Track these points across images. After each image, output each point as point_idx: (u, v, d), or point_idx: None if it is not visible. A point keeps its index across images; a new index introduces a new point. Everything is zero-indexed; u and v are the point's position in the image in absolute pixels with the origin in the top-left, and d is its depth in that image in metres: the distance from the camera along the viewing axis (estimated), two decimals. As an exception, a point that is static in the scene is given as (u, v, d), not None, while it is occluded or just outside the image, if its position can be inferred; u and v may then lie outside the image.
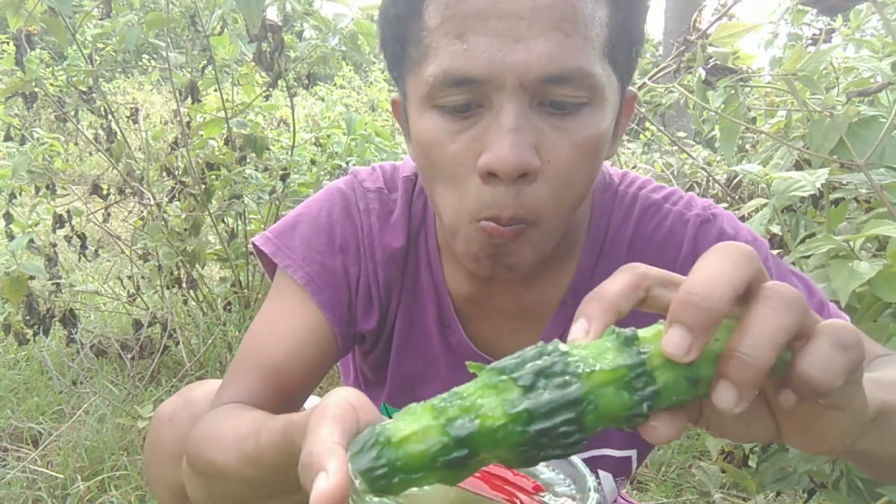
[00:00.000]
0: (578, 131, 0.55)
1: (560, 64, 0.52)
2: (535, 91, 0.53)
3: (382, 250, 0.72)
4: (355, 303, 0.73)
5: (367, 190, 0.74)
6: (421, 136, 0.58)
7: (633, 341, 0.34)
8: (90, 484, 1.54)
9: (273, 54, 1.87)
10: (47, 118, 3.97)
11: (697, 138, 2.92)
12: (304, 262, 0.71)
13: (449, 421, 0.31)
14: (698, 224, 0.69)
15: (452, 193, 0.58)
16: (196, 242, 2.12)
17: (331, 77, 7.05)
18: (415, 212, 0.74)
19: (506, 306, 0.72)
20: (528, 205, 0.55)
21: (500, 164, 0.52)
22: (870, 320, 0.89)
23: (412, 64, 0.58)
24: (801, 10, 1.53)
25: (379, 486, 0.31)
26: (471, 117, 0.55)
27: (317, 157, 2.48)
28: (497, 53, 0.52)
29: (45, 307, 2.00)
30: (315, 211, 0.74)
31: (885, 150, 0.91)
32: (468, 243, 0.59)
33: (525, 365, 0.32)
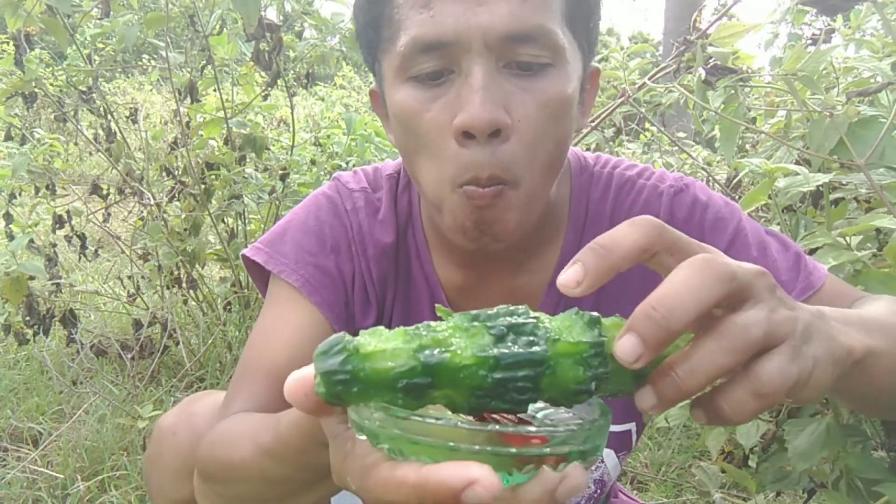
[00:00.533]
0: (544, 91, 0.57)
1: (521, 22, 0.55)
2: (500, 51, 0.56)
3: (374, 246, 0.74)
4: (352, 300, 0.74)
5: (352, 191, 0.76)
6: (397, 109, 0.60)
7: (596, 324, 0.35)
8: (90, 484, 1.54)
9: (271, 54, 1.87)
10: (47, 118, 3.97)
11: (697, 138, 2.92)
12: (297, 265, 0.71)
13: (421, 347, 0.32)
14: (672, 195, 0.72)
15: (432, 163, 0.60)
16: (196, 242, 2.11)
17: (331, 77, 7.05)
18: (401, 208, 0.76)
19: (496, 292, 0.74)
20: (503, 163, 0.57)
21: (472, 120, 0.54)
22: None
23: (385, 43, 0.61)
24: (801, 10, 1.53)
25: (335, 390, 0.32)
26: (443, 84, 0.58)
27: (317, 157, 2.48)
28: (461, 17, 0.55)
29: (45, 307, 2.00)
30: (303, 216, 0.75)
31: (885, 150, 0.91)
32: (454, 213, 0.61)
33: (498, 318, 0.34)
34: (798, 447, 0.84)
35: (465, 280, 0.74)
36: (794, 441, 0.85)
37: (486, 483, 0.29)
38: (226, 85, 2.16)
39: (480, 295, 0.74)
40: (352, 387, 0.32)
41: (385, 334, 0.33)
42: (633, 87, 1.38)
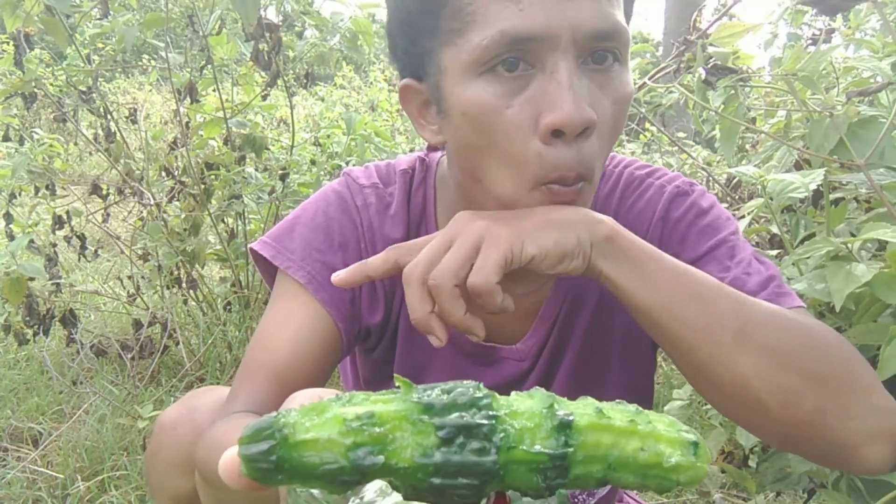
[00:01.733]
0: (616, 88, 0.58)
1: (606, 19, 0.55)
2: (583, 48, 0.55)
3: (383, 242, 0.72)
4: (359, 298, 0.73)
5: (363, 186, 0.75)
6: (469, 106, 0.57)
7: (567, 428, 0.33)
8: (90, 484, 1.54)
9: (271, 53, 1.87)
10: (47, 118, 3.97)
11: (697, 138, 2.92)
12: (304, 261, 0.71)
13: (355, 445, 0.30)
14: (674, 194, 0.72)
15: (509, 164, 0.58)
16: (196, 242, 2.12)
17: (331, 77, 7.05)
18: (415, 204, 0.74)
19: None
20: (586, 161, 0.57)
21: (567, 119, 0.54)
22: (869, 320, 0.89)
23: (450, 35, 0.58)
24: (801, 10, 1.53)
25: (258, 475, 0.30)
26: (520, 78, 0.56)
27: (316, 157, 2.48)
28: (552, 11, 0.54)
29: (45, 307, 2.00)
30: (312, 212, 0.74)
31: (885, 150, 0.91)
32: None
33: (452, 412, 0.31)
34: (798, 447, 0.84)
35: None
36: (794, 441, 0.85)
37: None
38: (225, 85, 2.16)
39: None
40: (276, 475, 0.30)
41: (324, 417, 0.30)
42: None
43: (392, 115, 4.62)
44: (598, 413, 0.33)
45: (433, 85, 0.62)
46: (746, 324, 0.55)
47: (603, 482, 0.34)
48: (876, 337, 0.83)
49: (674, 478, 0.34)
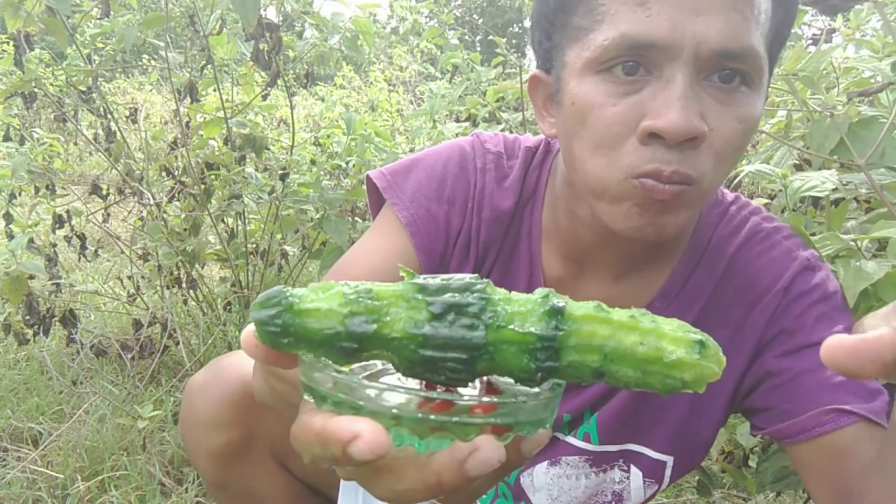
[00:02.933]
0: (740, 108, 0.56)
1: (735, 40, 0.53)
2: (706, 63, 0.54)
3: (490, 209, 0.73)
4: (450, 253, 0.74)
5: (488, 151, 0.76)
6: (580, 98, 0.58)
7: (558, 314, 0.33)
8: (90, 484, 1.54)
9: (271, 53, 1.87)
10: (47, 118, 3.97)
11: (697, 138, 2.91)
12: (411, 203, 0.73)
13: (352, 314, 0.32)
14: (803, 267, 0.69)
15: (604, 155, 0.58)
16: (196, 242, 2.11)
17: (331, 77, 7.05)
18: (528, 182, 0.75)
19: (593, 294, 0.72)
20: (691, 164, 0.55)
21: (670, 126, 0.53)
22: (870, 320, 0.89)
23: (577, 31, 0.59)
24: (801, 10, 1.53)
25: (267, 339, 0.32)
26: (636, 83, 0.56)
27: (316, 157, 2.48)
28: (678, 22, 0.53)
29: (45, 307, 2.00)
30: (433, 159, 0.76)
31: (885, 150, 0.91)
32: (619, 200, 0.58)
33: (446, 292, 0.33)
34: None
35: (565, 273, 0.73)
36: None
37: (369, 439, 0.29)
38: (226, 85, 2.16)
39: (577, 293, 0.72)
40: (282, 338, 0.32)
41: (328, 292, 0.33)
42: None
43: (392, 115, 4.62)
44: (597, 307, 0.34)
45: (556, 77, 0.63)
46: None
47: (599, 373, 0.33)
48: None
49: (677, 375, 0.33)
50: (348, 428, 0.29)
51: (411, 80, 7.19)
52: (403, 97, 6.12)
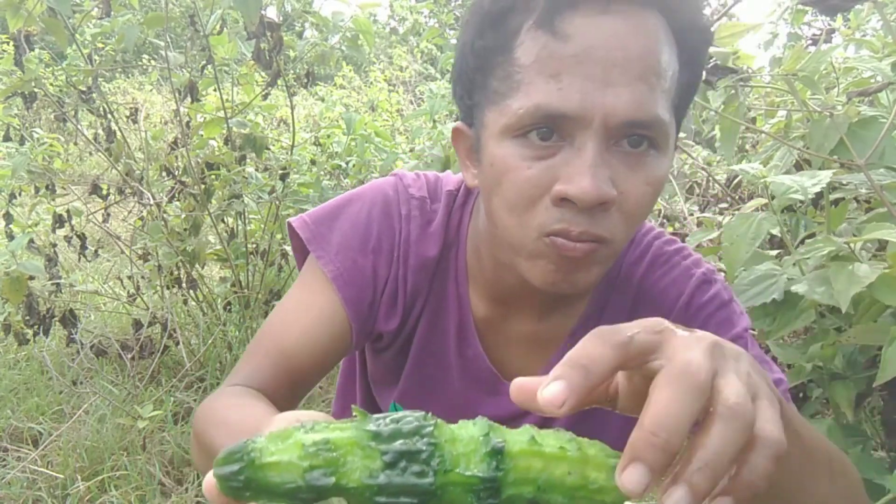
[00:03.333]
0: (649, 172, 0.59)
1: (642, 111, 0.56)
2: (615, 132, 0.57)
3: (416, 257, 0.75)
4: (378, 303, 0.75)
5: (412, 196, 0.76)
6: (498, 161, 0.61)
7: (498, 454, 0.37)
8: (90, 484, 1.54)
9: (272, 53, 1.87)
10: (47, 118, 3.97)
11: (697, 138, 2.91)
12: (336, 256, 0.73)
13: (311, 468, 0.35)
14: (700, 282, 0.75)
15: (519, 215, 0.61)
16: (196, 242, 2.11)
17: (331, 77, 7.05)
18: (451, 225, 0.76)
19: (520, 331, 0.76)
20: (602, 226, 0.59)
21: (580, 193, 0.56)
22: (870, 321, 0.89)
23: (496, 96, 0.61)
24: (801, 10, 1.53)
25: (230, 493, 0.35)
26: (550, 148, 0.58)
27: (316, 157, 2.48)
28: (588, 95, 0.56)
29: (45, 307, 2.00)
30: (357, 206, 0.76)
31: (885, 150, 0.91)
32: (535, 258, 0.62)
33: (398, 438, 0.36)
34: (798, 447, 0.84)
35: (492, 313, 0.76)
36: (795, 441, 0.85)
37: None
38: (226, 85, 2.16)
39: (505, 330, 0.76)
40: (245, 492, 0.35)
41: (287, 442, 0.35)
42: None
43: (392, 115, 4.62)
44: (531, 441, 0.38)
45: (476, 135, 0.65)
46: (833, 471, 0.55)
47: (533, 502, 0.38)
48: (876, 337, 0.83)
49: (598, 498, 0.38)
50: None
51: (411, 80, 7.19)
52: (403, 97, 6.12)
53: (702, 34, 0.62)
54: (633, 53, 0.56)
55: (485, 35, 0.61)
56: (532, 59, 0.57)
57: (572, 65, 0.56)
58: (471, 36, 0.63)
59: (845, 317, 0.95)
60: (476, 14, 0.63)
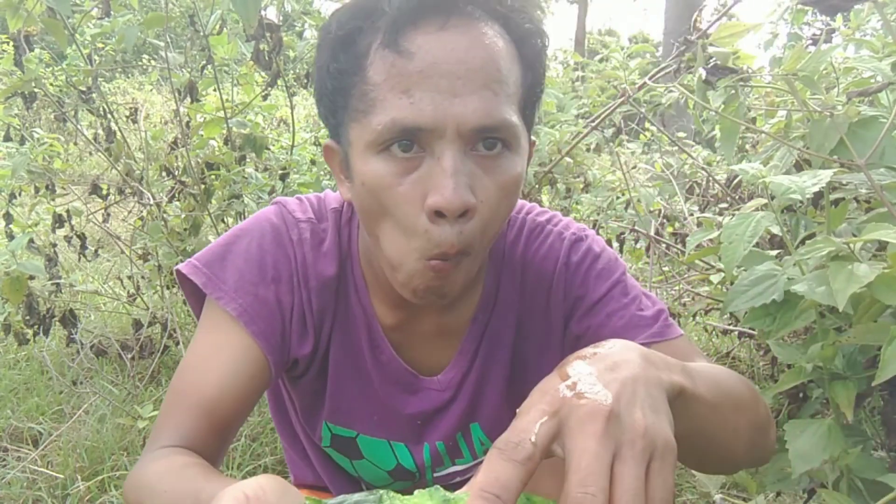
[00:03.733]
0: (503, 173, 0.63)
1: (490, 116, 0.60)
2: (468, 138, 0.61)
3: (316, 278, 0.76)
4: (289, 330, 0.75)
5: (299, 220, 0.77)
6: (368, 179, 0.63)
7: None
8: (90, 484, 1.54)
9: (271, 53, 1.87)
10: (47, 118, 3.97)
11: (697, 138, 2.91)
12: (236, 293, 0.72)
13: None
14: (572, 241, 0.80)
15: (400, 233, 0.64)
16: (196, 242, 2.11)
17: (331, 77, 7.02)
18: (342, 242, 0.78)
19: (426, 329, 0.79)
20: (467, 240, 0.62)
21: (447, 203, 0.59)
22: (869, 321, 0.89)
23: (356, 114, 0.64)
24: (801, 10, 1.53)
25: None
26: (413, 159, 0.62)
27: (316, 156, 2.48)
28: (439, 107, 0.59)
29: (45, 307, 2.00)
30: (245, 241, 0.75)
31: (885, 150, 0.90)
32: (411, 277, 0.65)
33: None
34: (799, 449, 0.84)
35: (397, 317, 0.78)
36: (795, 443, 0.85)
37: None
38: (226, 85, 2.16)
39: (413, 330, 0.79)
40: None
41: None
42: (633, 86, 1.38)
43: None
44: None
45: (344, 152, 0.68)
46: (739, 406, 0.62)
47: None
48: (876, 337, 0.83)
49: None
50: None
51: (411, 80, 7.18)
52: (403, 97, 6.11)
53: (539, 39, 0.66)
54: (475, 64, 0.60)
55: (338, 58, 0.64)
56: (383, 77, 0.60)
57: (420, 80, 0.59)
58: (325, 59, 0.66)
59: (845, 317, 0.95)
60: (326, 38, 0.66)
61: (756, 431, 0.65)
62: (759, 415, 0.66)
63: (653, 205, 2.09)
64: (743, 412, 0.63)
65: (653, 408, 0.43)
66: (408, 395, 0.81)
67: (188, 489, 0.57)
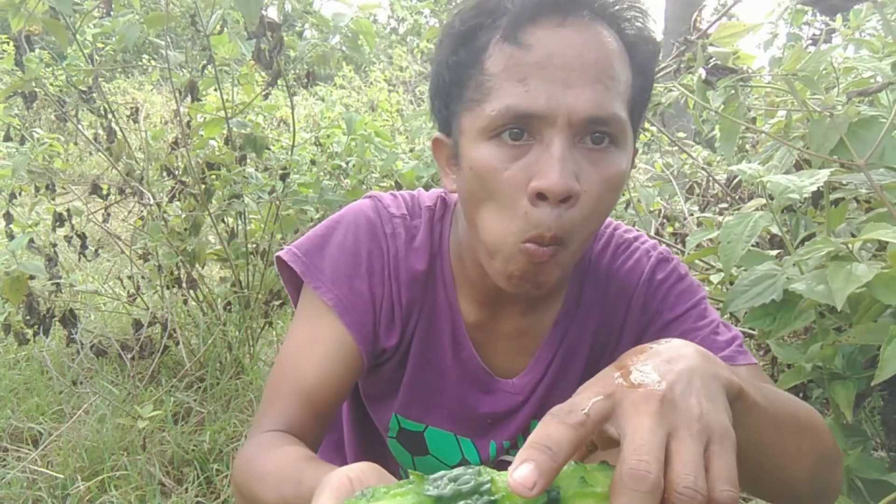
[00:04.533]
0: (608, 167, 0.65)
1: (600, 108, 0.63)
2: (578, 128, 0.63)
3: (406, 272, 0.78)
4: (379, 321, 0.78)
5: (393, 216, 0.80)
6: (477, 163, 0.66)
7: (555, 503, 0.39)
8: (90, 484, 1.54)
9: (272, 52, 1.87)
10: (47, 118, 3.97)
11: (697, 138, 2.92)
12: (332, 284, 0.75)
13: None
14: (659, 260, 0.82)
15: (501, 216, 0.66)
16: (196, 242, 2.12)
17: (331, 77, 7.06)
18: (434, 238, 0.81)
19: (508, 329, 0.81)
20: (565, 226, 0.64)
21: (551, 186, 0.61)
22: (869, 320, 0.89)
23: (470, 103, 0.67)
24: (801, 10, 1.53)
25: None
26: (522, 147, 0.64)
27: (317, 157, 2.48)
28: (553, 96, 0.62)
29: (45, 307, 2.00)
30: (342, 234, 0.79)
31: (885, 150, 0.91)
32: (507, 263, 0.67)
33: (458, 501, 0.37)
34: (798, 447, 0.84)
35: (481, 315, 0.80)
36: (794, 441, 0.85)
37: None
38: (226, 85, 2.16)
39: (494, 329, 0.81)
40: None
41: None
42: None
43: (392, 115, 4.62)
44: (582, 482, 0.40)
45: (455, 141, 0.71)
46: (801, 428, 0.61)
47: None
48: (876, 337, 0.83)
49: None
50: None
51: (411, 80, 7.19)
52: (403, 97, 6.12)
53: (649, 45, 0.69)
54: (589, 59, 0.63)
55: (458, 52, 0.68)
56: (501, 67, 0.64)
57: (536, 70, 0.62)
58: (445, 54, 0.70)
59: (845, 317, 0.95)
60: (449, 35, 0.70)
61: (820, 461, 0.62)
62: (825, 443, 0.64)
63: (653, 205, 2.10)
64: (806, 436, 0.60)
65: (709, 397, 0.43)
66: (482, 395, 0.82)
67: (291, 474, 0.59)
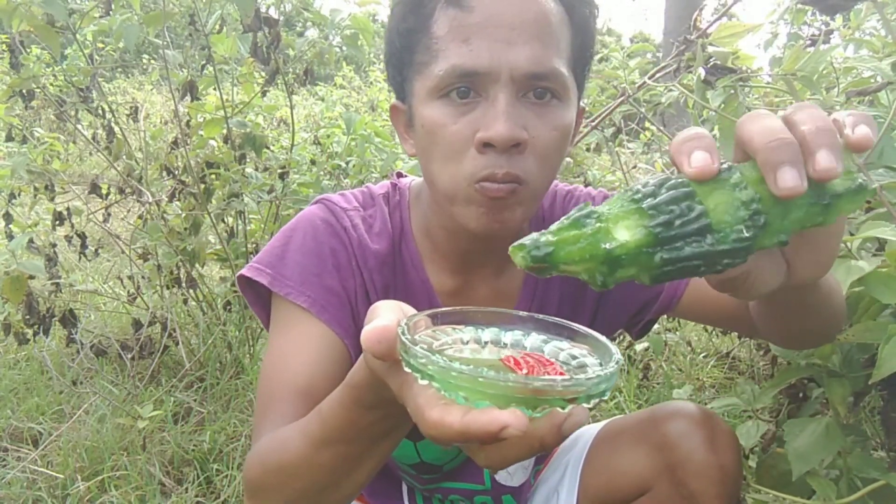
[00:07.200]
0: (553, 119, 0.70)
1: (541, 64, 0.68)
2: (521, 84, 0.68)
3: (373, 257, 0.80)
4: (357, 312, 0.78)
5: (346, 209, 0.82)
6: (427, 121, 0.71)
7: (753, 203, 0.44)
8: (90, 484, 1.54)
9: (269, 48, 1.86)
10: (47, 118, 3.97)
11: (697, 138, 2.90)
12: (303, 286, 0.75)
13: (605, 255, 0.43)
14: (603, 196, 0.90)
15: (451, 165, 0.70)
16: (196, 242, 2.11)
17: (331, 77, 7.06)
18: (394, 223, 0.83)
19: (481, 293, 0.84)
20: (518, 166, 0.68)
21: (497, 135, 0.66)
22: (869, 319, 0.89)
23: (420, 66, 0.71)
24: (801, 10, 1.53)
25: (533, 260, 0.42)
26: (469, 104, 0.69)
27: (316, 156, 2.48)
28: (495, 53, 0.67)
29: (45, 307, 2.00)
30: (300, 238, 0.79)
31: (883, 149, 0.91)
32: (468, 204, 0.70)
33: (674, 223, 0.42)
34: (798, 449, 0.84)
35: (454, 285, 0.83)
36: (794, 442, 0.85)
37: (517, 424, 0.36)
38: (226, 84, 2.16)
39: (470, 295, 0.83)
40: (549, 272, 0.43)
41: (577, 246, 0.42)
42: (632, 86, 1.38)
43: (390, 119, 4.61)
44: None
45: (409, 105, 0.75)
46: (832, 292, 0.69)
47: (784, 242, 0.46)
48: (875, 335, 0.83)
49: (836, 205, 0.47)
50: (498, 421, 0.37)
51: (411, 79, 7.17)
52: (403, 97, 6.10)
53: (587, 7, 0.73)
54: (529, 18, 0.67)
55: (407, 19, 0.72)
56: (446, 30, 0.68)
57: (479, 30, 0.67)
58: (396, 22, 0.74)
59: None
60: (399, 3, 0.74)
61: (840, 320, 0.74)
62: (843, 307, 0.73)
63: (653, 204, 2.09)
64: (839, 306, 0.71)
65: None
66: None
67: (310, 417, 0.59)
